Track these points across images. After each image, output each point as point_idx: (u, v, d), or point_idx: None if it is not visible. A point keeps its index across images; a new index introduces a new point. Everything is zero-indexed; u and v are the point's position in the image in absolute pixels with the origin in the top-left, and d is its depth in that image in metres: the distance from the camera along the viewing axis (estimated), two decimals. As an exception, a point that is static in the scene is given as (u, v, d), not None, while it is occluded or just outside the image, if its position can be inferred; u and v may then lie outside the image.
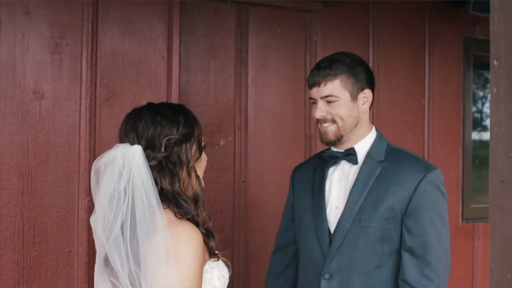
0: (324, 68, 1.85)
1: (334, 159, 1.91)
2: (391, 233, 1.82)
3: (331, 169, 1.93)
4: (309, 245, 1.93)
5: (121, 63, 2.41)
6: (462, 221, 3.23)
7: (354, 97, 1.86)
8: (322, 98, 1.86)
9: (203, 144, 1.64)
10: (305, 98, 2.82)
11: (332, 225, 1.89)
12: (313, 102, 1.89)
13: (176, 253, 1.45)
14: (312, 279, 1.89)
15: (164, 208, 1.51)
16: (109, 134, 2.32)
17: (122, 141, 1.57)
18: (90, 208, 2.17)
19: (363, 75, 1.88)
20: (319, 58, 2.74)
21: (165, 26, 2.48)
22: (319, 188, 1.93)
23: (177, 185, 1.54)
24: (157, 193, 1.50)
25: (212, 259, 1.56)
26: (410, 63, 3.10)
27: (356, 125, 1.88)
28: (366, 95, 1.89)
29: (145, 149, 1.52)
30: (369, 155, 1.89)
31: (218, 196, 2.61)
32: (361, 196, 1.85)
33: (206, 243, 1.54)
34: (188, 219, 1.53)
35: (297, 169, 2.12)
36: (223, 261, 1.60)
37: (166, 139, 1.53)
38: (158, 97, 2.42)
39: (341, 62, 1.86)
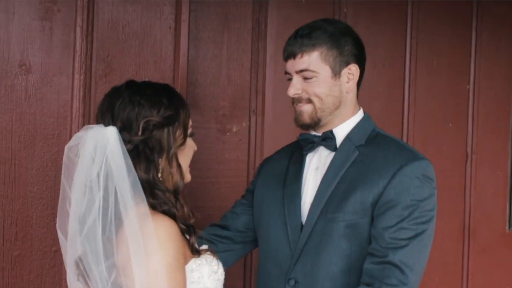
0: (302, 37, 1.69)
1: (311, 144, 1.76)
2: (360, 229, 1.62)
3: (308, 157, 1.78)
4: (273, 241, 1.76)
5: (121, 34, 2.29)
6: (509, 227, 3.08)
7: (336, 73, 1.70)
8: (297, 72, 1.70)
9: (189, 131, 1.59)
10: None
11: (304, 221, 1.72)
12: (289, 78, 1.73)
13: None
14: (274, 283, 1.72)
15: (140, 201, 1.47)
16: (106, 115, 2.23)
17: (97, 122, 1.52)
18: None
19: (349, 48, 1.71)
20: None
21: (173, -8, 2.37)
22: (295, 177, 1.77)
23: (152, 173, 1.49)
24: (136, 181, 1.43)
25: (195, 257, 1.51)
26: (453, 41, 2.93)
27: (337, 107, 1.71)
28: (352, 72, 1.72)
29: (120, 131, 1.47)
30: (347, 138, 1.72)
31: (229, 191, 2.48)
32: (330, 186, 1.68)
33: (186, 239, 1.49)
34: (164, 212, 1.47)
35: (267, 159, 1.98)
36: (213, 256, 1.56)
37: (144, 121, 1.48)
38: (163, 74, 2.33)
39: (322, 30, 1.69)
